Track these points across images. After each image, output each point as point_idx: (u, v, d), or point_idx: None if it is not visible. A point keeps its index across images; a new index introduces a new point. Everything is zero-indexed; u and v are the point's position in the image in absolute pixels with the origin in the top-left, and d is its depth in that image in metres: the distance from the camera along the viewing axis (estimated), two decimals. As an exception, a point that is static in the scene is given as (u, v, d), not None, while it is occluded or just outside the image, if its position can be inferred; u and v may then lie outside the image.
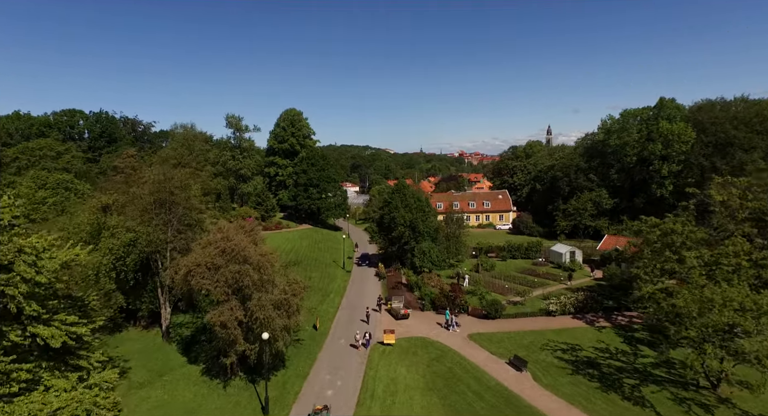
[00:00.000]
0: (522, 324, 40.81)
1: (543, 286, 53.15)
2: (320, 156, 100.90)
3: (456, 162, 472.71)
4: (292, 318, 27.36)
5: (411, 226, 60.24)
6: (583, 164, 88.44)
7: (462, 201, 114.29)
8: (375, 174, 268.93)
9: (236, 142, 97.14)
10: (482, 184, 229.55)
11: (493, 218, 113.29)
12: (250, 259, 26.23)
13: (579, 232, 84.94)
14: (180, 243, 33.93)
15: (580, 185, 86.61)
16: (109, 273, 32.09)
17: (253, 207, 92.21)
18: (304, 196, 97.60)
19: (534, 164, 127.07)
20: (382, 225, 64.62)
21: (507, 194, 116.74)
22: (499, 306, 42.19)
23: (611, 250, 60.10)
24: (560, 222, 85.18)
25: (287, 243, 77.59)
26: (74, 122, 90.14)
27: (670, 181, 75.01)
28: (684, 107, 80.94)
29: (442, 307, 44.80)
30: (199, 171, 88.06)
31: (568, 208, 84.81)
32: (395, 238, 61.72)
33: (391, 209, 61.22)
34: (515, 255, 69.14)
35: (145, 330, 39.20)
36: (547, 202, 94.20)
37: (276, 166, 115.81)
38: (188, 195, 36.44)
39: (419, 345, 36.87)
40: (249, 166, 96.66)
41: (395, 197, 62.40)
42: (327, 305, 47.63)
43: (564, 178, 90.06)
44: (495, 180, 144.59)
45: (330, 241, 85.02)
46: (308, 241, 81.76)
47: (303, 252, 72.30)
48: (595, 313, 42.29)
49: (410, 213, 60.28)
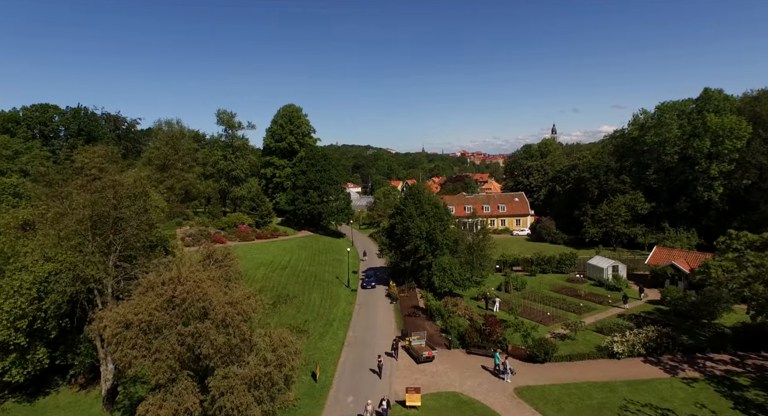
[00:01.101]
0: (581, 371, 31.66)
1: (590, 312, 44.03)
2: (321, 156, 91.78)
3: (458, 162, 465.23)
4: (278, 400, 18.24)
5: (428, 238, 51.14)
6: (614, 164, 79.16)
7: (475, 204, 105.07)
8: (377, 174, 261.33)
9: (228, 140, 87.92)
10: (490, 184, 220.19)
11: (509, 223, 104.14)
12: (214, 312, 17.20)
13: (611, 240, 75.79)
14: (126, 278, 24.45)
15: (611, 187, 77.36)
16: (15, 323, 22.81)
17: (246, 212, 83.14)
18: (303, 199, 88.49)
19: (551, 164, 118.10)
20: (392, 236, 55.45)
21: (524, 197, 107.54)
22: (549, 347, 33.02)
23: (664, 266, 50.85)
24: (589, 229, 75.97)
25: (284, 254, 68.46)
26: (47, 118, 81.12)
27: (720, 183, 65.74)
28: (734, 98, 71.65)
29: (475, 345, 35.67)
30: (186, 173, 79.15)
31: (598, 213, 75.60)
32: (409, 252, 52.62)
33: (404, 218, 52.06)
34: (545, 269, 59.91)
35: (83, 391, 29.31)
36: (572, 205, 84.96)
37: (273, 167, 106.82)
38: (143, 206, 26.77)
39: (452, 407, 27.77)
40: (242, 167, 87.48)
41: (408, 204, 53.24)
42: (329, 340, 38.48)
43: (592, 180, 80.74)
44: (508, 181, 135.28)
45: (332, 251, 75.91)
46: (308, 252, 72.63)
47: (301, 265, 63.14)
48: (672, 355, 33.06)
49: (427, 222, 51.17)
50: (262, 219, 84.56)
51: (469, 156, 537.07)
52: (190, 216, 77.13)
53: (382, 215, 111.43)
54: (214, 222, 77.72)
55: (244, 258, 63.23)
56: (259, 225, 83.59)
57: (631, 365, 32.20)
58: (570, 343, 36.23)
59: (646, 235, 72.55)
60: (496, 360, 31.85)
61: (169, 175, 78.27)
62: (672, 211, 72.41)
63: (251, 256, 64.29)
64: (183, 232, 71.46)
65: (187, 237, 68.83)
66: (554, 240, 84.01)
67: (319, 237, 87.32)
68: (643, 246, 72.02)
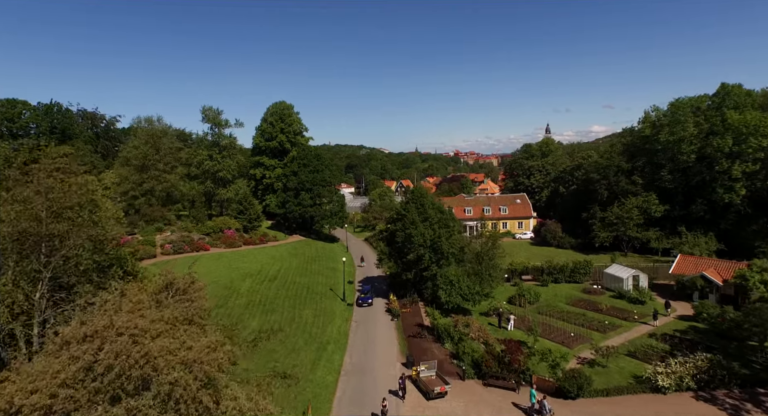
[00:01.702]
0: (622, 409, 26.77)
1: (616, 330, 39.26)
2: (314, 155, 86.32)
3: (452, 161, 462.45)
4: None
5: (432, 247, 46.08)
6: (625, 164, 74.69)
7: (475, 206, 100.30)
8: (371, 174, 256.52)
9: (215, 139, 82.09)
10: (486, 184, 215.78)
11: (511, 225, 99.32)
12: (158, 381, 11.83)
13: (622, 245, 71.37)
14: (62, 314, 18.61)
15: (622, 189, 72.88)
16: None
17: (233, 216, 77.52)
18: (295, 202, 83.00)
19: (553, 164, 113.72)
20: (392, 243, 50.24)
21: (526, 198, 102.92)
22: (583, 381, 28.06)
23: (693, 276, 46.23)
24: (599, 233, 71.38)
25: (273, 262, 63.03)
26: (15, 114, 74.80)
27: (742, 184, 61.39)
28: (756, 93, 67.44)
29: (493, 375, 30.64)
30: (167, 173, 73.41)
31: (608, 215, 71.06)
32: (411, 262, 47.51)
33: (406, 224, 46.90)
34: (558, 279, 55.09)
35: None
36: (579, 207, 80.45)
37: (263, 167, 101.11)
38: (89, 219, 20.98)
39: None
40: (230, 168, 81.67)
41: (410, 208, 48.09)
42: (323, 369, 33.20)
43: (601, 181, 76.18)
44: (507, 181, 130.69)
45: (326, 258, 70.57)
46: (299, 259, 67.24)
47: (291, 276, 57.74)
48: (728, 390, 28.24)
49: (431, 229, 46.08)
50: (251, 224, 79.01)
51: (463, 156, 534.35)
52: (172, 221, 71.40)
53: (378, 218, 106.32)
54: (198, 227, 72.07)
55: (229, 268, 57.86)
56: (247, 229, 78.06)
57: (680, 402, 27.32)
58: (601, 372, 31.34)
59: (660, 240, 68.10)
60: (532, 399, 26.71)
61: (149, 176, 72.40)
62: (687, 214, 68.05)
63: (237, 265, 58.88)
64: (163, 239, 65.78)
65: (167, 244, 63.17)
66: (560, 244, 79.35)
67: (312, 243, 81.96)
68: (657, 252, 67.65)
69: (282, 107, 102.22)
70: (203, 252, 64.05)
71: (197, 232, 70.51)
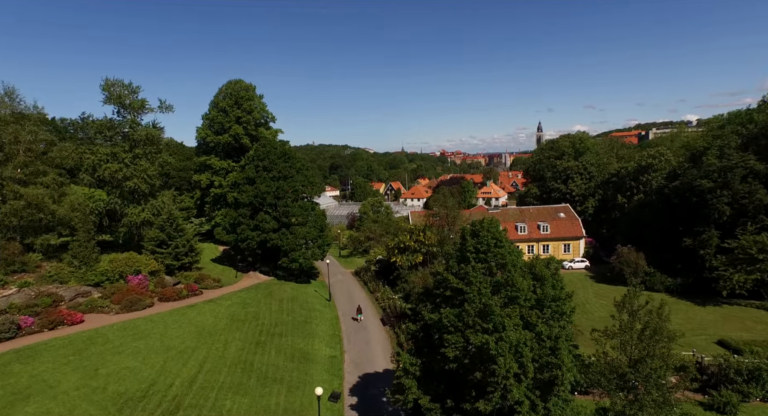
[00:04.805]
0: None
1: None
2: (279, 155, 58.02)
3: (439, 161, 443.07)
4: None
5: (523, 371, 18.83)
6: (759, 164, 48.75)
7: (504, 222, 73.50)
8: (357, 175, 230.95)
9: (123, 128, 53.14)
10: (489, 187, 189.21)
11: (554, 248, 73.03)
12: None
13: (765, 292, 45.60)
14: None
15: (757, 203, 47.05)
16: None
17: (151, 250, 49.00)
18: (250, 225, 54.77)
19: (597, 165, 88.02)
20: (430, 348, 22.65)
21: (571, 211, 76.73)
22: None
23: None
24: (730, 274, 45.42)
25: (194, 348, 34.72)
26: None
27: None
28: None
29: None
30: (25, 185, 44.53)
31: (743, 245, 45.18)
32: (477, 395, 20.16)
33: (466, 317, 19.46)
34: (745, 392, 28.44)
35: None
36: (670, 229, 54.60)
37: (210, 172, 72.75)
38: None
39: None
40: (147, 173, 52.69)
41: (476, 278, 20.52)
42: None
43: (720, 191, 49.76)
44: (530, 187, 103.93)
45: (295, 323, 42.54)
46: (246, 333, 38.89)
47: (220, 386, 29.54)
48: None
49: (528, 329, 18.82)
50: (179, 261, 50.60)
51: (449, 155, 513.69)
52: (30, 264, 42.45)
53: (372, 237, 78.90)
54: (80, 272, 43.24)
55: (85, 382, 28.22)
56: (172, 271, 49.69)
57: None
58: None
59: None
60: None
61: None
62: None
63: (111, 368, 30.09)
64: (1, 302, 36.86)
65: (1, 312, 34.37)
66: (649, 284, 52.92)
67: (276, 287, 53.75)
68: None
69: (239, 88, 73.97)
70: (66, 327, 35.55)
71: (76, 282, 41.91)
